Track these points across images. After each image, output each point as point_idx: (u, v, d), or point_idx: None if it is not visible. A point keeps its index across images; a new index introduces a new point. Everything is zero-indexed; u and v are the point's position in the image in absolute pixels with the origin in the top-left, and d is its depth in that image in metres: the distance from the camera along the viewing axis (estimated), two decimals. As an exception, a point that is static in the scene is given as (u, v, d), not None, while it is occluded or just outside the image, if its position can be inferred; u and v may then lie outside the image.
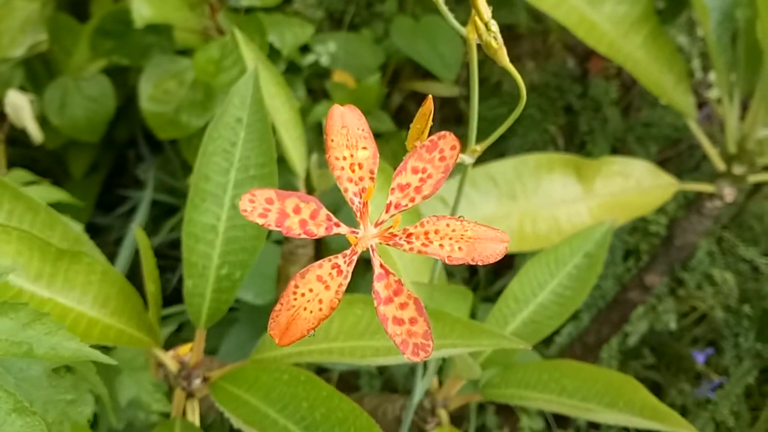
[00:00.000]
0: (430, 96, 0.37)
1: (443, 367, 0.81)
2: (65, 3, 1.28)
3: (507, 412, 1.30)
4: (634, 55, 1.04)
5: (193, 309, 0.62)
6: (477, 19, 0.37)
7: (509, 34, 1.58)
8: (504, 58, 0.39)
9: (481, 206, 0.98)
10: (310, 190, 0.87)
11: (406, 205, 0.33)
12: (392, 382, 1.34)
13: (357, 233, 0.33)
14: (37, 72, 1.28)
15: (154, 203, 1.34)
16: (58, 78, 1.21)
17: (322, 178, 0.77)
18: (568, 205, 1.01)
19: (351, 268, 0.33)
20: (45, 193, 0.93)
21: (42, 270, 0.56)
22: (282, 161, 0.95)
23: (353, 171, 0.33)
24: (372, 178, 0.33)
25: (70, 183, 1.39)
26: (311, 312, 0.32)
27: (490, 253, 0.33)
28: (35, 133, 1.16)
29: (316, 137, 1.27)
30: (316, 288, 0.32)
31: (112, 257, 1.18)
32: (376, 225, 0.34)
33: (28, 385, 0.50)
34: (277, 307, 0.32)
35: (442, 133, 0.33)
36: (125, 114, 1.41)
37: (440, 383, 0.79)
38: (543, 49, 1.57)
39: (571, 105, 1.42)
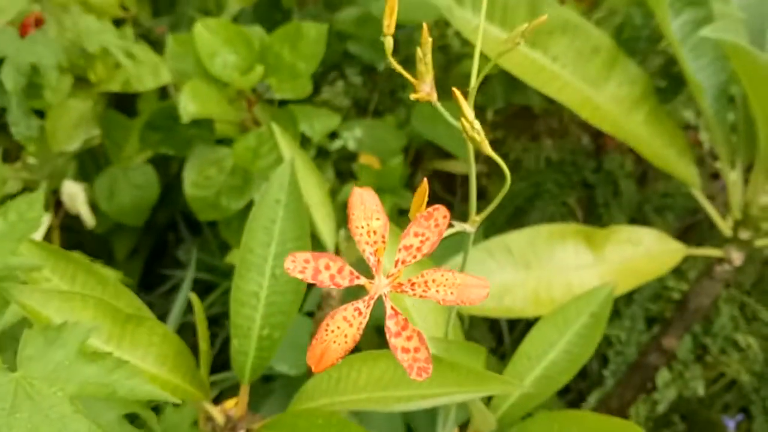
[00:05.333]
0: (426, 179, 0.49)
1: (467, 423, 0.91)
2: (114, 101, 1.46)
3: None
4: (636, 132, 1.17)
5: (239, 365, 0.74)
6: (463, 119, 0.50)
7: (527, 113, 1.73)
8: (487, 148, 0.52)
9: (497, 274, 1.09)
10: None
11: (410, 261, 0.45)
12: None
13: (373, 283, 0.45)
14: (86, 163, 1.45)
15: (194, 281, 1.47)
16: (107, 168, 1.37)
17: (349, 250, 0.89)
18: (581, 271, 1.11)
19: (369, 310, 0.45)
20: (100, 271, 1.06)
21: (112, 332, 0.68)
22: (314, 237, 1.08)
23: (369, 236, 0.45)
24: (384, 241, 0.45)
25: (114, 265, 1.54)
26: (339, 345, 0.44)
27: (476, 296, 0.44)
28: (88, 218, 1.31)
29: (344, 215, 1.40)
30: (343, 326, 0.44)
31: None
32: (388, 276, 0.46)
33: (105, 427, 0.62)
34: (313, 342, 0.44)
35: (436, 206, 0.45)
36: (166, 199, 1.56)
37: (462, 437, 0.88)
38: (559, 127, 1.70)
39: (585, 179, 1.54)
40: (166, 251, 1.68)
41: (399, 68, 0.52)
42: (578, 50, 1.14)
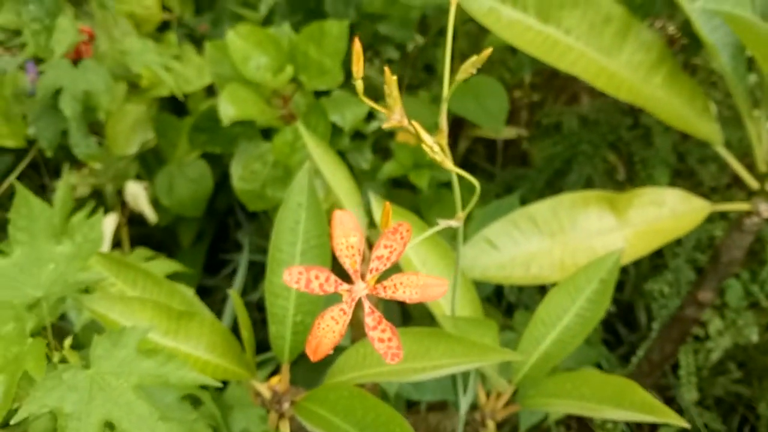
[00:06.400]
0: (388, 203, 0.61)
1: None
2: (167, 101, 1.62)
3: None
4: (654, 96, 1.23)
5: (278, 348, 0.89)
6: (424, 145, 0.61)
7: (562, 74, 1.80)
8: (449, 164, 0.63)
9: (523, 244, 1.20)
10: (370, 245, 1.13)
11: (382, 269, 0.57)
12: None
13: (352, 288, 0.58)
14: (149, 162, 1.62)
15: (253, 263, 1.64)
16: (165, 166, 1.54)
17: (376, 237, 1.02)
18: (604, 236, 1.20)
19: (351, 310, 0.57)
20: (163, 266, 1.23)
21: (168, 328, 0.84)
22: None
23: (348, 250, 0.58)
24: (360, 254, 0.58)
25: (181, 252, 1.72)
26: (329, 338, 0.57)
27: (436, 293, 0.56)
28: (150, 215, 1.49)
29: (386, 192, 1.53)
30: (331, 324, 0.57)
31: (219, 313, 1.48)
32: (364, 280, 0.58)
33: (165, 408, 0.77)
34: (310, 337, 0.57)
35: (400, 222, 0.57)
36: (223, 188, 1.73)
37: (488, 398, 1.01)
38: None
39: (622, 137, 1.61)
40: (228, 235, 1.86)
41: (370, 102, 0.63)
42: (591, 21, 1.21)
